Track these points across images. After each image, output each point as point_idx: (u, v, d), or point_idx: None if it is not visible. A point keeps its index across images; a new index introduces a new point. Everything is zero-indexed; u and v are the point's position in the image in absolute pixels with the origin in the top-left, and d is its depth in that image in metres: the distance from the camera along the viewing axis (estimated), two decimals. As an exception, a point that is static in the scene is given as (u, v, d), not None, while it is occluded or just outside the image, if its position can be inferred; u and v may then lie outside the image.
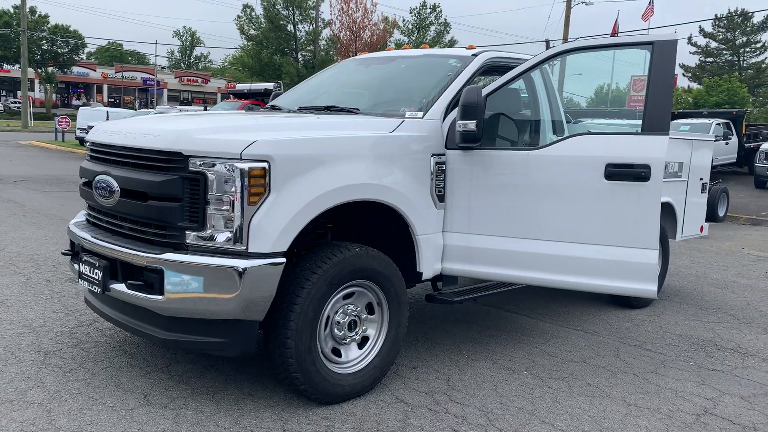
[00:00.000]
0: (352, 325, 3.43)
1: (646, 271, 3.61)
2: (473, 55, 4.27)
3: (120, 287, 3.16)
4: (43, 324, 4.32)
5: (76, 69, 61.14)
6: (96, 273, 3.28)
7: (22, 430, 2.90)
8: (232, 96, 22.10)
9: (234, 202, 2.92)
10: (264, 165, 2.95)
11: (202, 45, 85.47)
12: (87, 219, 3.73)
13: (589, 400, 3.59)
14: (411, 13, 44.49)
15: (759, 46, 48.34)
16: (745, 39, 48.35)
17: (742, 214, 12.83)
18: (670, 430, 3.27)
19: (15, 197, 10.29)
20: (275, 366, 3.23)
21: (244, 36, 38.11)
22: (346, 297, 3.40)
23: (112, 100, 64.98)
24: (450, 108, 3.87)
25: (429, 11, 44.37)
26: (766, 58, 48.44)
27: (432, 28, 44.40)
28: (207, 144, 3.00)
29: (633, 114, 4.91)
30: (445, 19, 44.61)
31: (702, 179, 6.18)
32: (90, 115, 24.51)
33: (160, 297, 2.99)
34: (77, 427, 2.95)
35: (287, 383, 3.27)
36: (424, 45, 5.65)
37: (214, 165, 2.94)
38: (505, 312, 5.26)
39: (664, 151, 3.47)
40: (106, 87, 67.43)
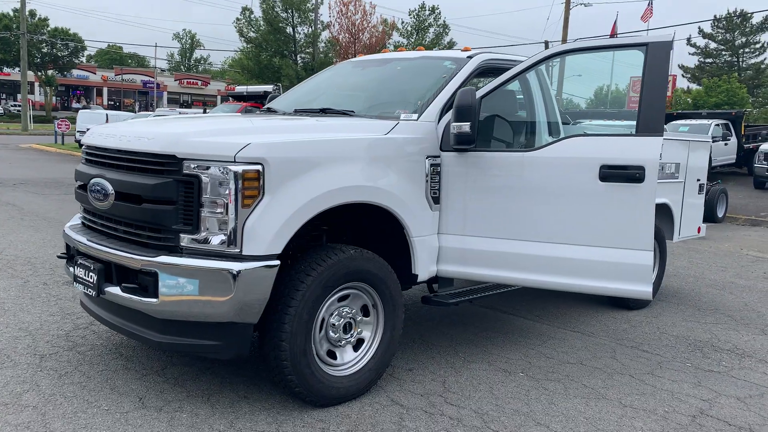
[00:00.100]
0: (347, 328, 3.42)
1: (640, 273, 3.60)
2: (468, 57, 4.27)
3: (115, 290, 3.17)
4: (40, 327, 4.32)
5: (75, 72, 61.13)
6: (91, 276, 3.28)
7: (16, 433, 2.91)
8: (231, 98, 22.14)
9: (228, 204, 2.92)
10: (258, 167, 2.95)
11: (201, 47, 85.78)
12: (82, 222, 3.74)
13: (585, 401, 3.58)
14: (410, 15, 44.48)
15: (758, 46, 48.44)
16: (745, 40, 48.44)
17: (741, 214, 12.82)
18: (665, 431, 3.27)
19: (14, 200, 10.29)
20: (270, 368, 3.23)
21: (243, 38, 38.19)
22: (341, 299, 3.40)
23: (112, 102, 65.01)
24: (445, 110, 3.87)
25: (428, 13, 44.34)
26: (765, 58, 48.59)
27: (431, 29, 44.38)
28: (201, 147, 3.00)
29: (632, 115, 4.90)
30: (444, 21, 44.57)
31: (699, 180, 6.18)
32: (89, 118, 24.57)
33: (154, 300, 3.00)
34: (72, 431, 2.95)
35: (282, 386, 3.27)
36: (419, 47, 5.65)
37: (208, 168, 2.94)
38: (502, 314, 5.26)
39: (658, 153, 3.47)
40: (105, 90, 67.49)
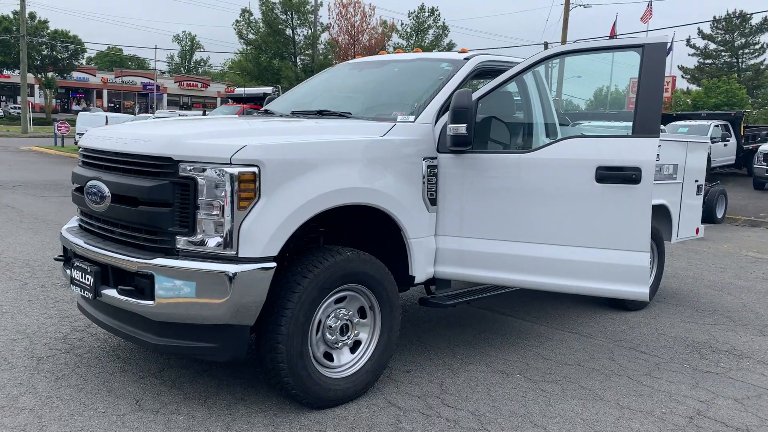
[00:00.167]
0: (344, 330, 3.42)
1: (637, 274, 3.60)
2: (465, 59, 4.27)
3: (111, 293, 3.16)
4: (37, 329, 4.32)
5: (75, 74, 61.24)
6: (87, 278, 3.28)
7: (12, 436, 2.91)
8: (231, 100, 22.19)
9: (224, 206, 2.92)
10: (254, 170, 2.95)
11: (201, 49, 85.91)
12: (79, 224, 3.74)
13: (582, 403, 3.58)
14: (409, 17, 44.52)
15: (758, 47, 48.43)
16: (744, 40, 48.44)
17: (740, 215, 12.81)
18: (662, 432, 3.27)
19: (13, 203, 10.30)
20: (267, 371, 3.22)
21: (242, 40, 38.21)
22: (337, 301, 3.39)
23: (111, 105, 65.08)
24: (442, 111, 3.87)
25: (427, 15, 44.38)
26: (764, 59, 48.58)
27: (430, 31, 44.43)
28: (197, 149, 3.00)
29: (631, 116, 4.90)
30: (444, 23, 44.62)
31: (697, 181, 6.18)
32: (89, 120, 24.62)
33: (150, 302, 3.00)
34: (68, 433, 2.95)
35: (279, 388, 3.27)
36: (416, 49, 5.65)
37: (204, 170, 2.94)
38: (500, 315, 5.26)
39: (654, 154, 3.47)
40: (105, 92, 67.58)
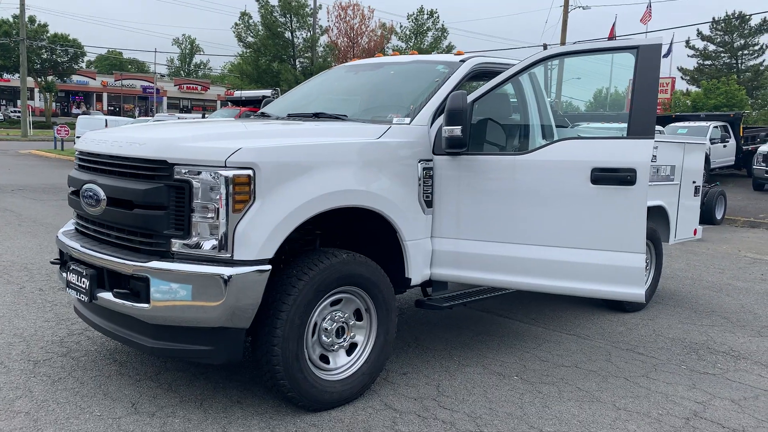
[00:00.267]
0: (339, 332, 3.42)
1: (633, 275, 3.60)
2: (461, 61, 4.28)
3: (107, 296, 3.17)
4: (34, 333, 4.32)
5: (75, 78, 61.37)
6: (83, 282, 3.28)
7: (8, 439, 2.91)
8: (230, 103, 22.20)
9: (219, 209, 2.92)
10: (249, 172, 2.96)
11: (201, 53, 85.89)
12: (76, 228, 3.74)
13: (579, 404, 3.58)
14: (408, 19, 44.60)
15: (757, 48, 48.50)
16: (743, 42, 48.50)
17: (740, 216, 12.80)
18: (659, 434, 3.27)
19: (12, 206, 10.30)
20: (262, 373, 3.22)
21: (242, 43, 38.24)
22: (333, 303, 3.39)
23: (111, 108, 65.18)
24: (437, 114, 3.87)
25: (426, 17, 44.46)
26: (764, 60, 48.62)
27: (429, 33, 44.50)
28: (192, 152, 3.01)
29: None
30: (443, 25, 44.72)
31: (695, 182, 6.18)
32: (88, 124, 24.60)
33: (146, 305, 3.00)
34: (63, 437, 2.95)
35: (275, 390, 3.27)
36: (412, 51, 5.66)
37: (199, 173, 2.94)
38: (498, 317, 5.25)
39: (649, 155, 3.47)
40: (105, 95, 67.64)
